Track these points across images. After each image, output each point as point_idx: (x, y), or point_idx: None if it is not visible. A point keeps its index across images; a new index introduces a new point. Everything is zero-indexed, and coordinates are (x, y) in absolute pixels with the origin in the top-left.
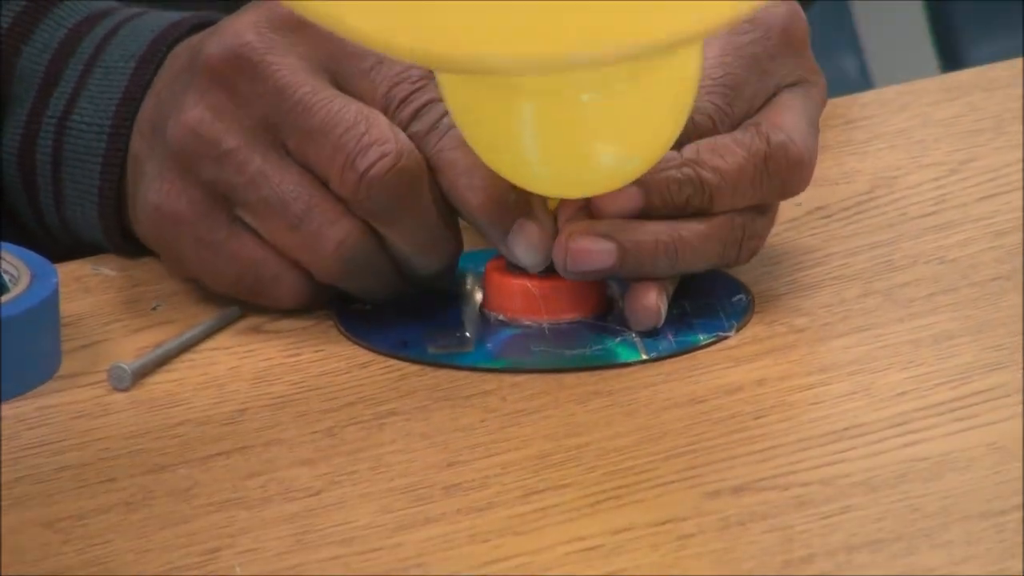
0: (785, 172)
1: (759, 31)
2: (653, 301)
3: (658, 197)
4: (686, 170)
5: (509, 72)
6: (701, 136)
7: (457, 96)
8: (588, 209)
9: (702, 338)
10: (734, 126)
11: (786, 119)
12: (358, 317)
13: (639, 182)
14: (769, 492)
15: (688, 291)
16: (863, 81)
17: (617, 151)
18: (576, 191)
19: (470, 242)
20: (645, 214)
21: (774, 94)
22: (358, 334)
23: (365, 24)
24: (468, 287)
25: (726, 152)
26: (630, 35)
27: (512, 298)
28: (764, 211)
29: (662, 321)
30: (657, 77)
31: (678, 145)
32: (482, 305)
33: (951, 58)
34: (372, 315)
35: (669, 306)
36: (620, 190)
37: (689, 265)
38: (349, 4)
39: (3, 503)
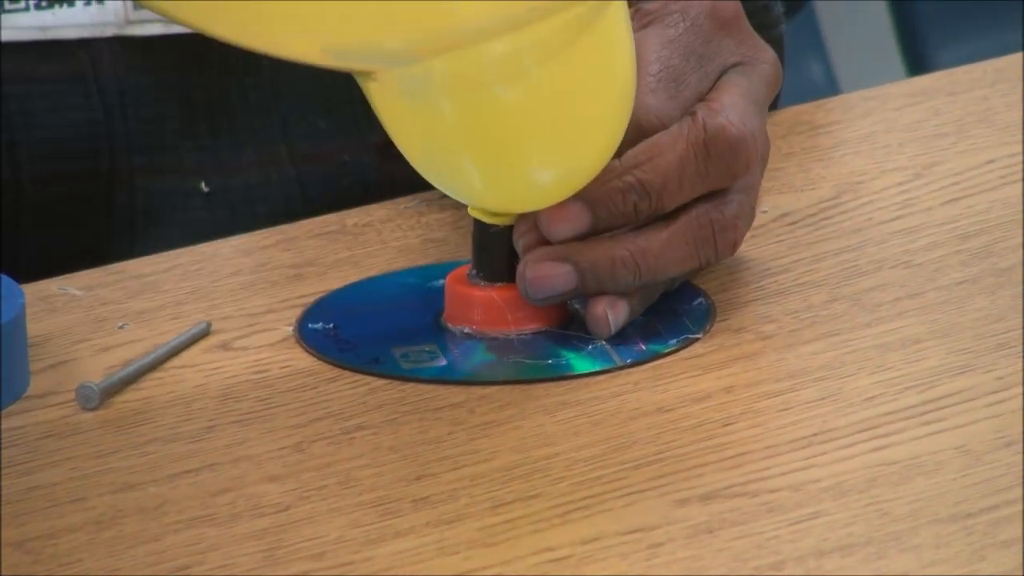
0: (728, 155)
1: (688, 20)
2: (600, 311)
3: (604, 210)
4: (627, 178)
5: (416, 55)
6: (653, 134)
7: (386, 111)
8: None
9: (672, 343)
10: (685, 115)
11: (724, 101)
12: (322, 334)
13: (584, 199)
14: (738, 499)
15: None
16: (830, 86)
17: (550, 158)
18: (519, 205)
19: (431, 255)
20: (597, 230)
21: (719, 77)
22: (325, 351)
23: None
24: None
25: (664, 148)
26: None
27: (476, 310)
28: (727, 199)
29: (613, 330)
30: (579, 71)
31: (627, 148)
32: (444, 318)
33: (917, 63)
34: (335, 332)
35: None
36: (565, 210)
37: (660, 272)
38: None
39: None
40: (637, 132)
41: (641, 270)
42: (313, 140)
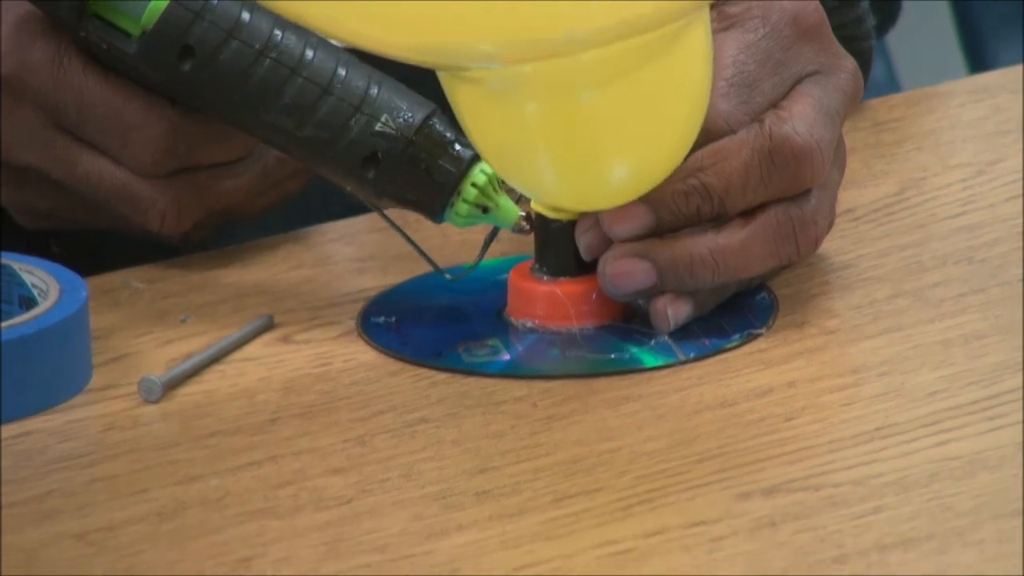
0: (792, 165)
1: (769, 25)
2: (661, 306)
3: (666, 211)
4: (690, 181)
5: (507, 60)
6: (721, 138)
7: (467, 107)
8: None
9: (735, 338)
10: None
11: (794, 110)
12: (384, 328)
13: (647, 200)
14: (801, 493)
15: None
16: (891, 84)
17: (630, 159)
18: (591, 203)
19: (494, 250)
20: (660, 231)
21: (794, 85)
22: (388, 344)
23: (355, 26)
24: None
25: (729, 154)
26: (621, 10)
27: (539, 304)
28: (808, 197)
29: (673, 326)
30: (662, 79)
31: (695, 151)
32: (507, 312)
33: (979, 60)
34: (397, 326)
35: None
36: (628, 209)
37: (741, 271)
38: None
39: (34, 517)
40: (705, 135)
41: (720, 268)
42: None
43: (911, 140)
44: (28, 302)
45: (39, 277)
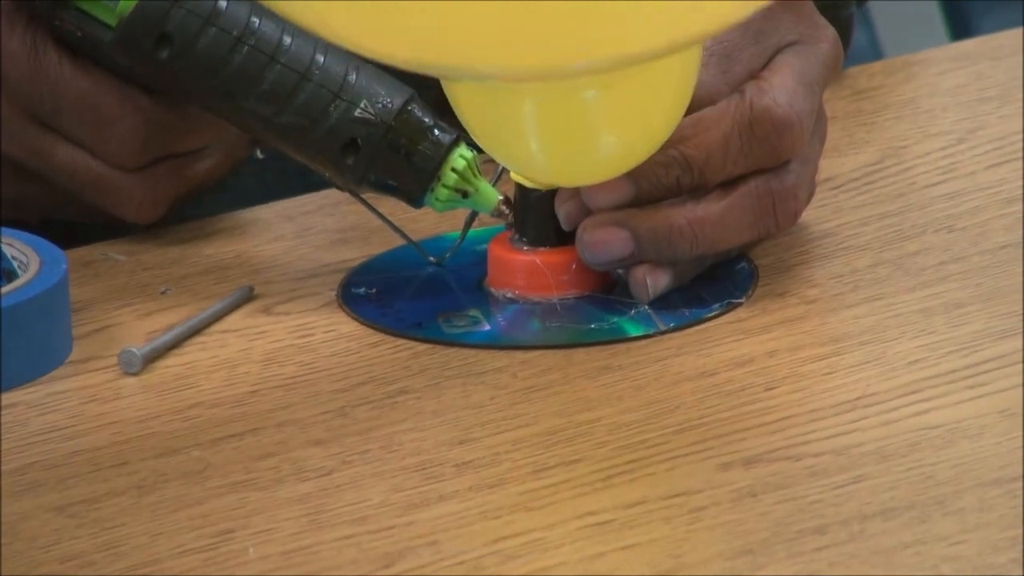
0: (772, 136)
1: None
2: (641, 276)
3: (646, 183)
4: (670, 152)
5: (508, 79)
6: (699, 109)
7: (454, 86)
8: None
9: (715, 307)
10: (733, 93)
11: (775, 81)
12: (365, 299)
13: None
14: (781, 463)
15: None
16: (873, 52)
17: (619, 141)
18: (576, 180)
19: (474, 221)
20: (640, 201)
21: (774, 55)
22: (368, 316)
23: (363, 36)
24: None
25: (709, 124)
26: (626, 43)
27: (519, 275)
28: (787, 169)
29: (651, 296)
30: (659, 68)
31: None
32: (487, 282)
33: (960, 28)
34: (378, 297)
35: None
36: (609, 181)
37: (718, 242)
38: (345, 12)
39: (16, 489)
40: None
41: (698, 239)
42: None
43: (891, 108)
44: (8, 275)
45: (19, 249)
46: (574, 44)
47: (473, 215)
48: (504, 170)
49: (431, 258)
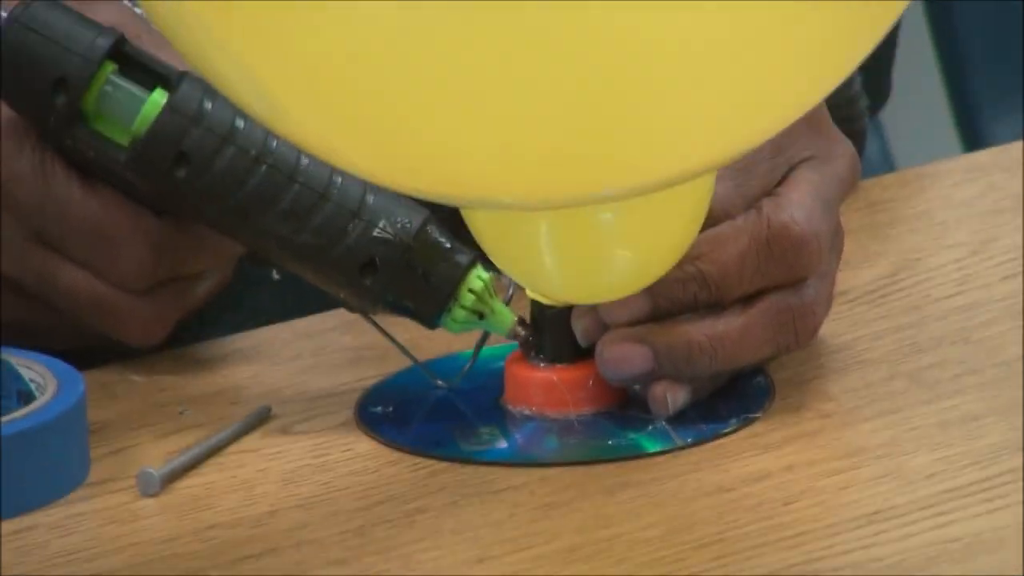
0: (790, 254)
1: None
2: (660, 391)
3: (664, 299)
4: (687, 267)
5: (527, 209)
6: (715, 223)
7: (474, 215)
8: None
9: (732, 422)
10: (749, 207)
11: (793, 198)
12: (382, 418)
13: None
14: None
15: None
16: (885, 162)
17: (635, 260)
18: (592, 298)
19: (491, 339)
20: (657, 317)
21: (790, 170)
22: (386, 434)
23: (374, 166)
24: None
25: (726, 241)
26: (646, 173)
27: (537, 391)
28: (806, 285)
29: (671, 411)
30: (675, 188)
31: None
32: (504, 399)
33: (973, 138)
34: (395, 415)
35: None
36: (626, 297)
37: (739, 359)
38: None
39: None
40: None
41: (718, 355)
42: None
43: (905, 220)
44: (26, 396)
45: (36, 371)
46: (593, 176)
47: (485, 335)
48: (516, 289)
49: (439, 381)
